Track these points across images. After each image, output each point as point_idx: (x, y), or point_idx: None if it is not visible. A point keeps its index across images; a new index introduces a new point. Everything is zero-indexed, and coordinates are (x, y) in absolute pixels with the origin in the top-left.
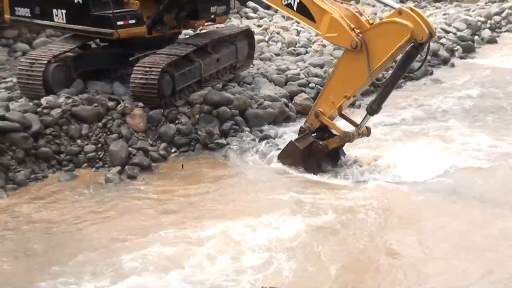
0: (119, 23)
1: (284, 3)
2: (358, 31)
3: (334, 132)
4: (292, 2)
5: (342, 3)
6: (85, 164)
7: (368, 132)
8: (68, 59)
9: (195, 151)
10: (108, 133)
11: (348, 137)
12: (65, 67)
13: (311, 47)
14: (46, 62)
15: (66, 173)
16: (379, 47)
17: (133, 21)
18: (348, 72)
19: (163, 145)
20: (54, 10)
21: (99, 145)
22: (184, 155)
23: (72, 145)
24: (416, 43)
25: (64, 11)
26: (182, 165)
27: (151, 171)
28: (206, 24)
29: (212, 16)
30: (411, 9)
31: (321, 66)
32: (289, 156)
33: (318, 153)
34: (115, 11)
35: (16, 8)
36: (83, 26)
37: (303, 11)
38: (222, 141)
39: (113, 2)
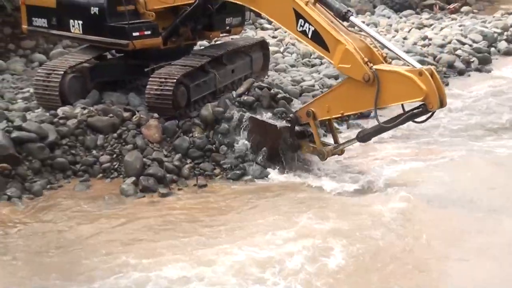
0: (134, 34)
1: (299, 30)
2: (372, 65)
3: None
4: (307, 30)
5: (357, 33)
6: (100, 175)
7: (341, 152)
8: (84, 70)
9: (210, 162)
10: (123, 143)
11: (321, 155)
12: (81, 78)
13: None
14: (62, 73)
15: (82, 184)
16: (389, 91)
17: (149, 32)
18: (353, 96)
19: (178, 156)
20: (71, 21)
21: (114, 156)
22: (200, 167)
23: (87, 156)
24: (424, 108)
25: (80, 22)
26: (197, 179)
27: (166, 183)
28: (221, 35)
29: (228, 28)
30: (432, 74)
31: (336, 77)
32: (262, 133)
33: (290, 146)
34: (131, 22)
35: (33, 18)
36: (99, 37)
37: (317, 40)
38: (234, 161)
39: (130, 13)
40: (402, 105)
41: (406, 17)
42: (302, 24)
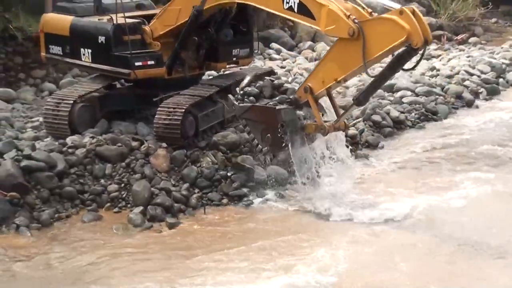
0: (137, 63)
1: (285, 8)
2: (354, 17)
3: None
4: (293, 5)
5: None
6: (108, 204)
7: (344, 127)
8: (93, 99)
9: (218, 192)
10: (132, 173)
11: (323, 130)
12: (90, 107)
13: None
14: (72, 102)
15: (89, 213)
16: (374, 41)
17: (152, 62)
18: (342, 57)
19: (186, 185)
20: (82, 50)
21: (122, 185)
22: (207, 197)
23: (95, 185)
24: (410, 47)
25: (90, 51)
26: (205, 208)
27: (173, 212)
28: (228, 66)
29: (234, 59)
30: (413, 11)
31: (343, 107)
32: (264, 120)
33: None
34: (135, 51)
35: (50, 46)
36: (106, 66)
37: (304, 11)
38: (242, 191)
39: (136, 43)
40: (393, 55)
41: None
42: (288, 1)
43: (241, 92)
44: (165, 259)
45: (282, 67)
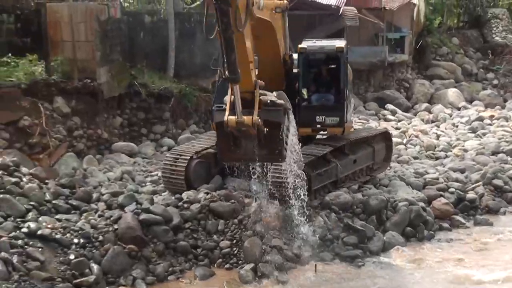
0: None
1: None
2: None
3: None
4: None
5: None
6: (220, 260)
7: (252, 124)
8: (209, 156)
9: (329, 252)
10: (243, 229)
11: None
12: (206, 163)
13: (451, 151)
14: (188, 158)
15: (202, 268)
16: None
17: None
18: None
19: (297, 244)
20: None
21: (234, 241)
22: (319, 256)
23: (208, 240)
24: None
25: None
26: (316, 267)
27: (284, 270)
28: (314, 133)
29: (319, 126)
30: None
31: (462, 171)
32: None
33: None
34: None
35: None
36: None
37: None
38: (354, 252)
39: None
40: None
41: None
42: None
43: None
44: None
45: (397, 128)
